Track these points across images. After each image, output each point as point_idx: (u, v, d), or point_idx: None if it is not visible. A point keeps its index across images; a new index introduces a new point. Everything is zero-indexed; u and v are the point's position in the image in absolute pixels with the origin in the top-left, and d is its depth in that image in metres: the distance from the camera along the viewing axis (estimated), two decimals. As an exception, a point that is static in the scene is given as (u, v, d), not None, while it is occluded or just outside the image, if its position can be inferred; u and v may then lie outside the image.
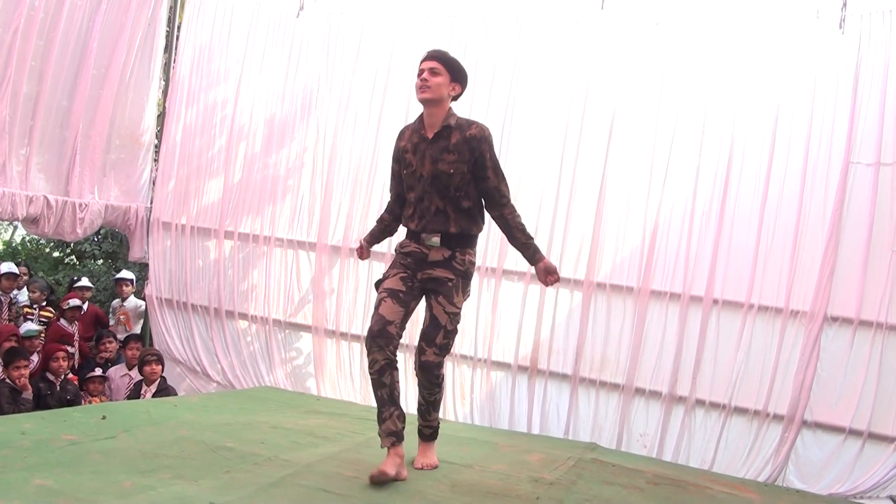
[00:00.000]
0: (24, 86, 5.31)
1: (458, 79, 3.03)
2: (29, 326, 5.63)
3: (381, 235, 3.40)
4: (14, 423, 3.24)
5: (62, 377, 5.19)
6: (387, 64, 5.88)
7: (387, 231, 3.38)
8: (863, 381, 4.69)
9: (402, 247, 3.12)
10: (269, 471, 2.89)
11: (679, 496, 3.42)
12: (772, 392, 4.87)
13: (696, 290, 5.09)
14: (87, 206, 5.87)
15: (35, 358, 5.38)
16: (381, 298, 2.97)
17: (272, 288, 6.17)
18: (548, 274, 3.03)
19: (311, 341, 6.02)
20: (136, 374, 5.51)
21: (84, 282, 6.60)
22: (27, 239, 10.18)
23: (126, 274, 6.74)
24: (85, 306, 6.25)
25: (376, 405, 2.96)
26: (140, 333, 6.38)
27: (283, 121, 6.20)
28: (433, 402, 3.14)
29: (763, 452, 4.88)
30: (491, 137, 3.02)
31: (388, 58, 5.89)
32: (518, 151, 5.42)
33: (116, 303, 6.68)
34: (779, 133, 4.97)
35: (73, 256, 9.66)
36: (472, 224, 3.06)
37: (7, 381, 4.85)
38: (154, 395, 5.20)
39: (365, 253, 3.45)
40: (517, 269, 5.43)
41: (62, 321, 6.00)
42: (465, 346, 5.47)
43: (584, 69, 5.40)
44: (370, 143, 5.88)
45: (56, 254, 9.82)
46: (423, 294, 3.06)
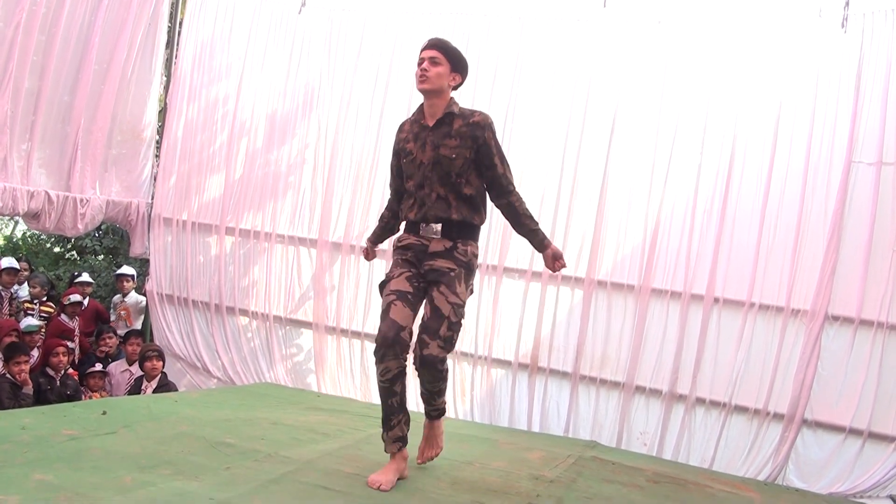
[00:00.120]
0: (26, 81, 5.30)
1: (459, 69, 2.98)
2: (29, 322, 5.64)
3: (383, 234, 3.37)
4: (14, 418, 3.24)
5: (62, 372, 5.18)
6: (388, 61, 5.87)
7: (388, 228, 3.34)
8: (863, 381, 4.68)
9: (399, 241, 3.04)
10: (269, 467, 2.89)
11: (679, 494, 3.42)
12: (772, 391, 4.87)
13: (697, 288, 5.09)
14: (88, 201, 5.87)
15: (35, 353, 5.39)
16: (391, 302, 2.86)
17: (273, 284, 6.16)
18: (555, 260, 3.02)
19: (312, 338, 6.02)
20: (136, 370, 5.52)
21: (85, 277, 6.59)
22: (28, 234, 10.17)
23: (127, 270, 6.74)
24: (86, 302, 6.25)
25: (383, 411, 2.91)
26: (141, 329, 6.38)
27: (284, 117, 6.20)
28: (438, 392, 3.03)
29: (763, 451, 4.88)
30: (494, 125, 2.97)
31: (389, 54, 5.88)
32: (520, 149, 5.40)
33: (117, 298, 6.67)
34: (780, 132, 4.96)
35: (74, 252, 9.63)
36: (474, 213, 2.98)
37: (7, 376, 4.86)
38: (154, 391, 5.19)
39: (371, 254, 3.43)
40: (518, 267, 5.44)
41: (63, 316, 6.00)
42: (466, 344, 5.46)
43: (586, 67, 5.40)
44: (371, 140, 5.87)
45: (57, 249, 9.80)
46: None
